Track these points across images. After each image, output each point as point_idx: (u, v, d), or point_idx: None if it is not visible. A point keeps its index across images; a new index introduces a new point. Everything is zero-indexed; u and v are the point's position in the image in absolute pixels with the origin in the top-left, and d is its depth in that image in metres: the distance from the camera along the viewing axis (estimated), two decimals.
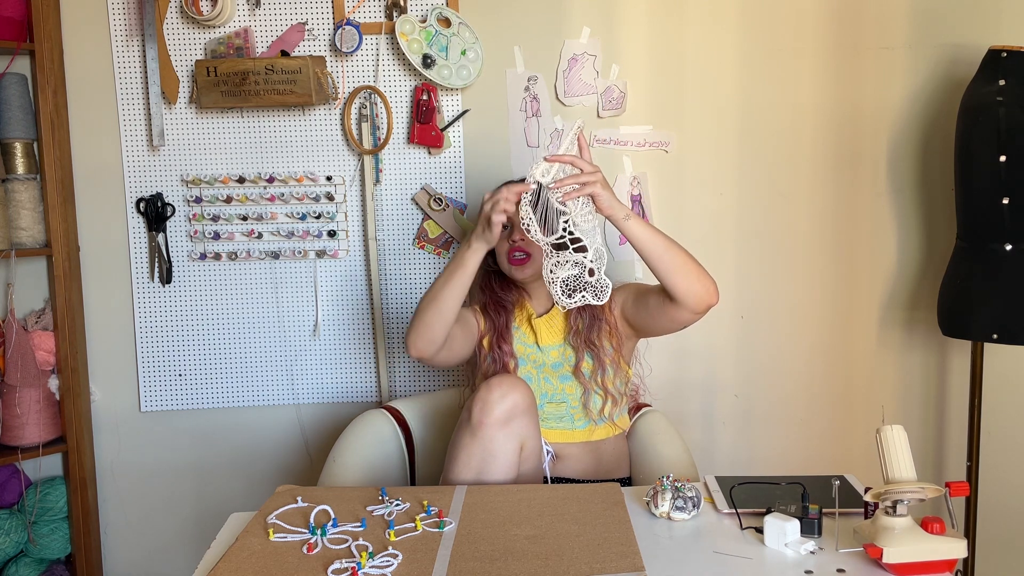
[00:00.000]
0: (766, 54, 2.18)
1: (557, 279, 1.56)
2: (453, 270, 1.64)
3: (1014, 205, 1.90)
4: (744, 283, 2.25)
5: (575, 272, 1.56)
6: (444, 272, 1.66)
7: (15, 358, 2.11)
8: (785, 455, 2.28)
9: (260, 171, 2.20)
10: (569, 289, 1.57)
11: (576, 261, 1.55)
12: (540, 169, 1.55)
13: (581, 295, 1.56)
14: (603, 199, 1.54)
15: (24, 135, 2.12)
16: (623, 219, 1.57)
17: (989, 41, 2.05)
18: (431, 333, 1.66)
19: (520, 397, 1.58)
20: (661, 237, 1.60)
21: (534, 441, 1.63)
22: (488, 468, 1.56)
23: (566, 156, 1.55)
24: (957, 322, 2.01)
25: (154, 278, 2.23)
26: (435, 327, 1.65)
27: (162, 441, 2.30)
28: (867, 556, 1.22)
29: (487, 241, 1.60)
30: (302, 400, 2.28)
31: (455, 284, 1.63)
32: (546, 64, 2.18)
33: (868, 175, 2.22)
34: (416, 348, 1.67)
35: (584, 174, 1.53)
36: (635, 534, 1.30)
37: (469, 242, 1.63)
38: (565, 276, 1.56)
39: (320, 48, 2.17)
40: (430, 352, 1.68)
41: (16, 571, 2.18)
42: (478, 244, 1.62)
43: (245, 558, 1.26)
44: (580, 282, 1.56)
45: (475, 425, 1.56)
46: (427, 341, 1.67)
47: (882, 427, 1.29)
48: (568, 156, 1.55)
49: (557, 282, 1.56)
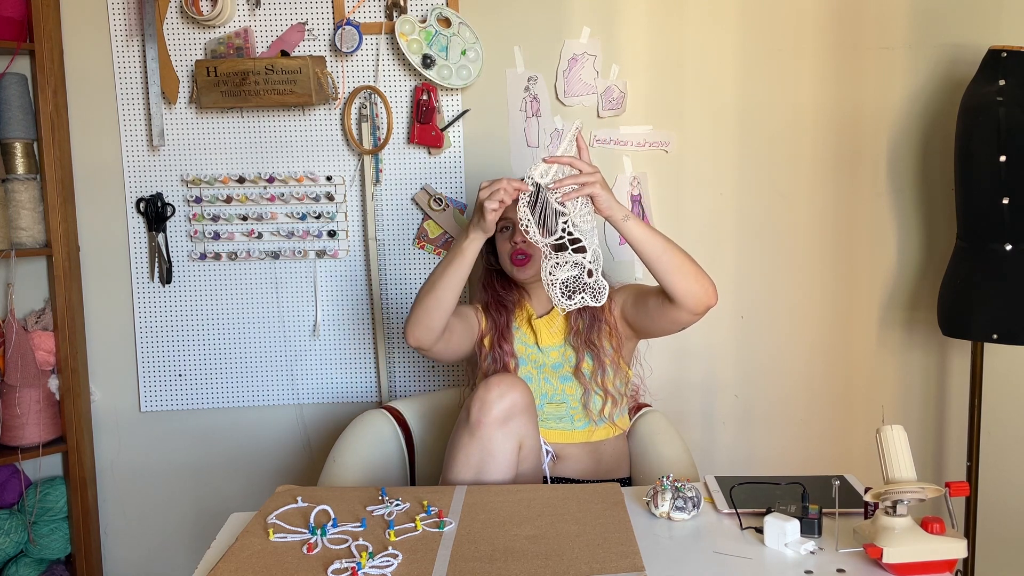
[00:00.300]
0: (766, 54, 2.18)
1: (556, 281, 1.56)
2: (451, 259, 1.64)
3: (1014, 205, 1.90)
4: (744, 283, 2.25)
5: (574, 273, 1.56)
6: (442, 262, 1.67)
7: (15, 358, 2.11)
8: (785, 455, 2.28)
9: (260, 171, 2.20)
10: (569, 291, 1.57)
11: (575, 262, 1.55)
12: (539, 170, 1.55)
13: (580, 296, 1.56)
14: (602, 199, 1.54)
15: (24, 135, 2.12)
16: (622, 220, 1.57)
17: (989, 41, 2.05)
18: (429, 321, 1.67)
19: (519, 396, 1.58)
20: (660, 238, 1.60)
21: (533, 440, 1.63)
22: (487, 467, 1.56)
23: (565, 157, 1.55)
24: (957, 322, 2.01)
25: (154, 278, 2.23)
26: (433, 316, 1.66)
27: (162, 441, 2.30)
28: (867, 556, 1.22)
29: (483, 230, 1.60)
30: (302, 400, 2.28)
31: (453, 273, 1.64)
32: (546, 64, 2.19)
33: (868, 175, 2.22)
34: (414, 336, 1.69)
35: (583, 175, 1.53)
36: (635, 534, 1.30)
37: (467, 232, 1.63)
38: (564, 277, 1.56)
39: (320, 48, 2.17)
40: (428, 341, 1.69)
41: (16, 571, 2.18)
42: (475, 233, 1.61)
43: (245, 558, 1.26)
44: (579, 283, 1.56)
45: (473, 424, 1.56)
46: (425, 328, 1.67)
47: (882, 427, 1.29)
48: (567, 157, 1.55)
49: (556, 284, 1.56)
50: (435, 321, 1.67)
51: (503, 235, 1.82)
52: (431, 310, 1.66)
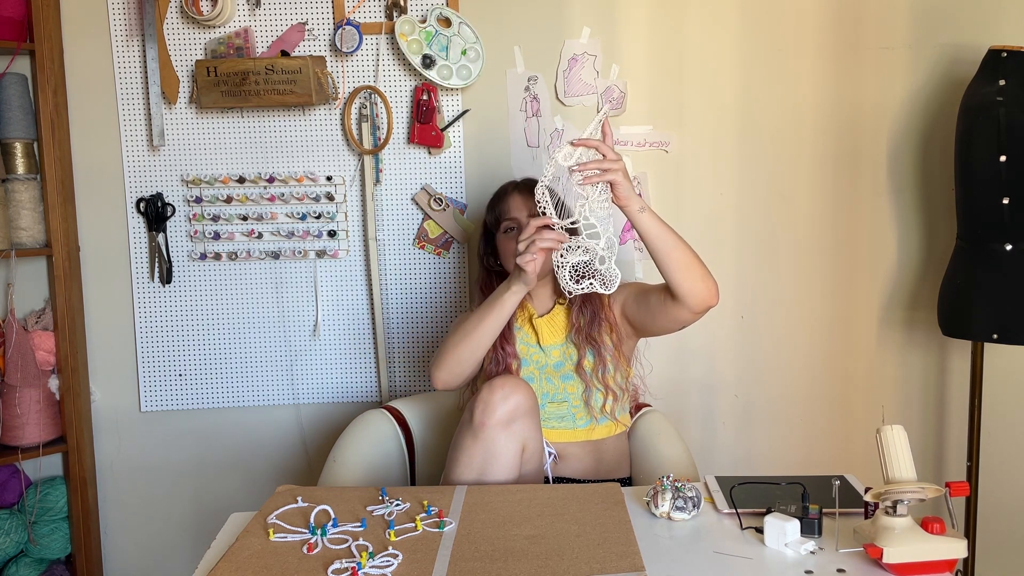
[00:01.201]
0: (766, 54, 2.18)
1: (567, 264, 1.56)
2: (491, 311, 1.66)
3: (1014, 205, 1.90)
4: (744, 283, 2.25)
5: (585, 259, 1.56)
6: (481, 310, 1.69)
7: (15, 358, 2.11)
8: (785, 455, 2.28)
9: (260, 171, 2.20)
10: (577, 275, 1.57)
11: (587, 248, 1.56)
12: (563, 152, 1.56)
13: (589, 282, 1.57)
14: (622, 188, 1.55)
15: (24, 135, 2.12)
16: (638, 211, 1.58)
17: (989, 41, 2.05)
18: (461, 368, 1.70)
19: (522, 398, 1.58)
20: (672, 234, 1.60)
21: (536, 443, 1.63)
22: (490, 469, 1.56)
23: (592, 140, 1.55)
24: (957, 322, 2.01)
25: (154, 278, 2.23)
26: (466, 363, 1.69)
27: (162, 441, 2.30)
28: (867, 556, 1.22)
29: (526, 283, 1.62)
30: (302, 400, 2.28)
31: (491, 324, 1.67)
32: (546, 64, 2.19)
33: (868, 175, 2.22)
34: (442, 382, 1.71)
35: (607, 160, 1.54)
36: (635, 534, 1.30)
37: (509, 284, 1.65)
38: (575, 262, 1.56)
39: (320, 48, 2.17)
40: (456, 384, 1.73)
41: (16, 571, 2.18)
42: (517, 287, 1.64)
43: (245, 558, 1.26)
44: (590, 269, 1.57)
45: (477, 426, 1.56)
46: (456, 376, 1.71)
47: (882, 427, 1.29)
48: (593, 141, 1.55)
49: (566, 267, 1.56)
50: (467, 368, 1.71)
51: (507, 236, 1.82)
52: (464, 359, 1.69)
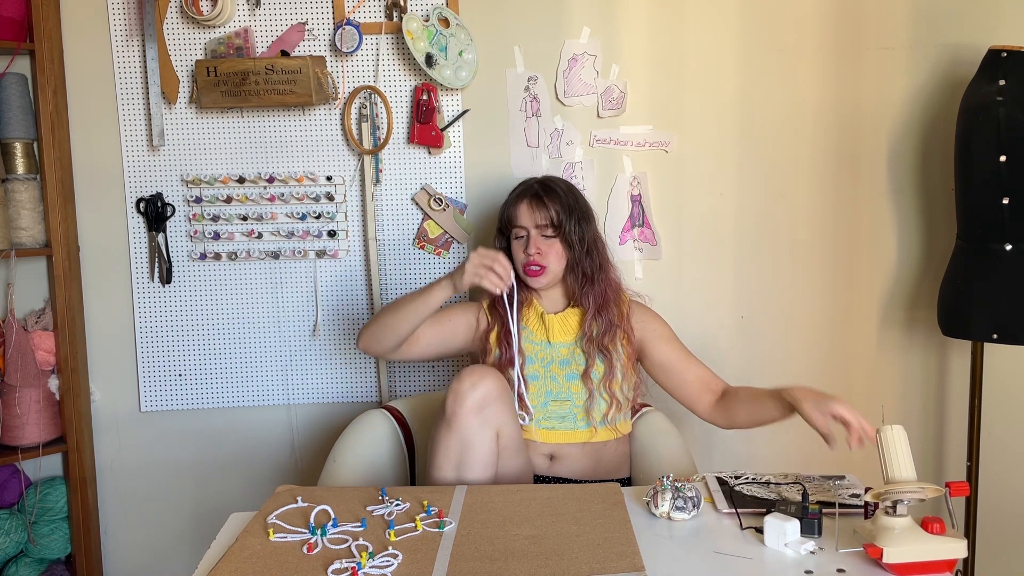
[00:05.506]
0: (766, 54, 2.18)
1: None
2: (418, 300, 1.73)
3: (1014, 205, 1.90)
4: (744, 283, 2.25)
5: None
6: (411, 295, 1.75)
7: (15, 358, 2.11)
8: (785, 455, 2.28)
9: (260, 171, 2.20)
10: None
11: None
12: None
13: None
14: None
15: (24, 135, 2.12)
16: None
17: (989, 41, 2.04)
18: (378, 342, 1.79)
19: (492, 384, 1.60)
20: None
21: (511, 428, 1.64)
22: (467, 458, 1.57)
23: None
24: (957, 322, 2.01)
25: (154, 278, 2.23)
26: (384, 340, 1.78)
27: (162, 441, 2.30)
28: (867, 556, 1.22)
29: (456, 287, 1.69)
30: (302, 400, 2.28)
31: (414, 312, 1.73)
32: (546, 64, 2.18)
33: (868, 175, 2.22)
34: (362, 344, 1.82)
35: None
36: (635, 534, 1.31)
37: (442, 280, 1.70)
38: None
39: (320, 48, 2.17)
40: (375, 353, 1.82)
41: (16, 571, 2.17)
42: (448, 285, 1.70)
43: (245, 558, 1.26)
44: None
45: (449, 416, 1.58)
46: (374, 343, 1.80)
47: (882, 427, 1.29)
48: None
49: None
50: (386, 342, 1.78)
51: (518, 242, 1.82)
52: (384, 335, 1.77)
